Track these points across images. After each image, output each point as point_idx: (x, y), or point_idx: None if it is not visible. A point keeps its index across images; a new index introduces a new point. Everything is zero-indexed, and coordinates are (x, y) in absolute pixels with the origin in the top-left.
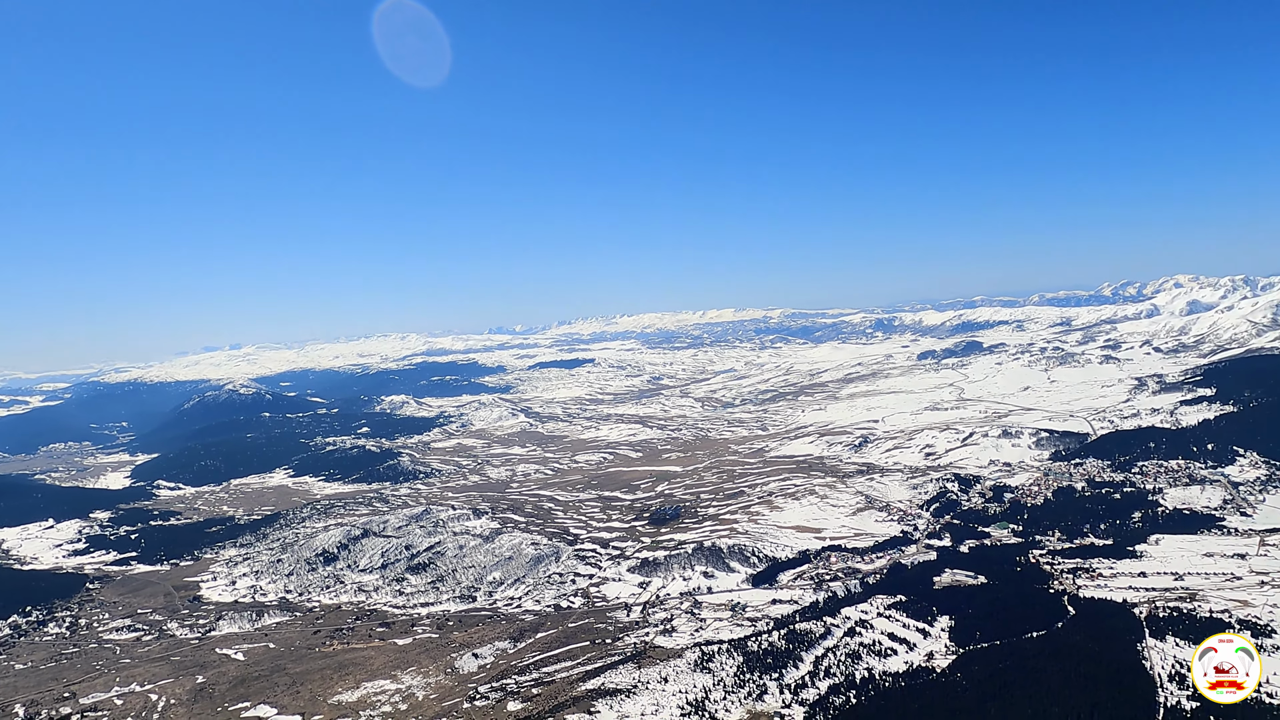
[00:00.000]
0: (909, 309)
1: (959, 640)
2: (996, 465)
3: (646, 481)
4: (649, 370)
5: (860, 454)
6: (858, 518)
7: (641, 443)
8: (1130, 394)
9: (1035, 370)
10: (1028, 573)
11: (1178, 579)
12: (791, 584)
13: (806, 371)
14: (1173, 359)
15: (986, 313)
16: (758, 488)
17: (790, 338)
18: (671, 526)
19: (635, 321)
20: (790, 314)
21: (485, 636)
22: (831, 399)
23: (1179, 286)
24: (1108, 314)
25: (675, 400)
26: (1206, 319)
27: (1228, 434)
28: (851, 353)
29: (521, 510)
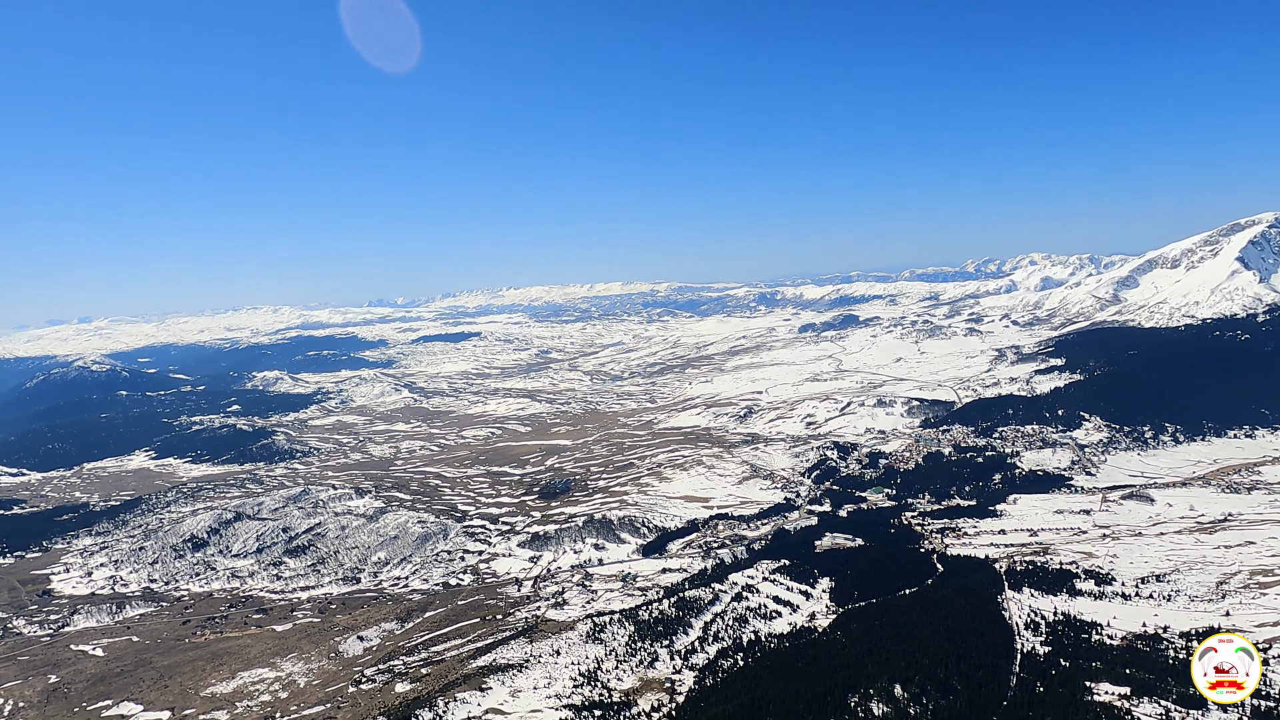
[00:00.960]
0: (790, 284)
1: (839, 600)
2: (872, 433)
3: (536, 456)
4: (537, 344)
5: (745, 424)
6: (744, 486)
7: (530, 417)
8: (991, 364)
9: (907, 343)
10: (901, 534)
11: (1033, 535)
12: (681, 553)
13: (693, 344)
14: (1028, 331)
15: (862, 288)
16: (647, 459)
17: (677, 311)
18: (562, 500)
19: (522, 294)
20: (677, 288)
21: (371, 618)
22: (718, 371)
23: (1034, 264)
24: (972, 289)
25: (564, 374)
26: (1057, 294)
27: (1075, 400)
28: (736, 326)
29: (407, 488)
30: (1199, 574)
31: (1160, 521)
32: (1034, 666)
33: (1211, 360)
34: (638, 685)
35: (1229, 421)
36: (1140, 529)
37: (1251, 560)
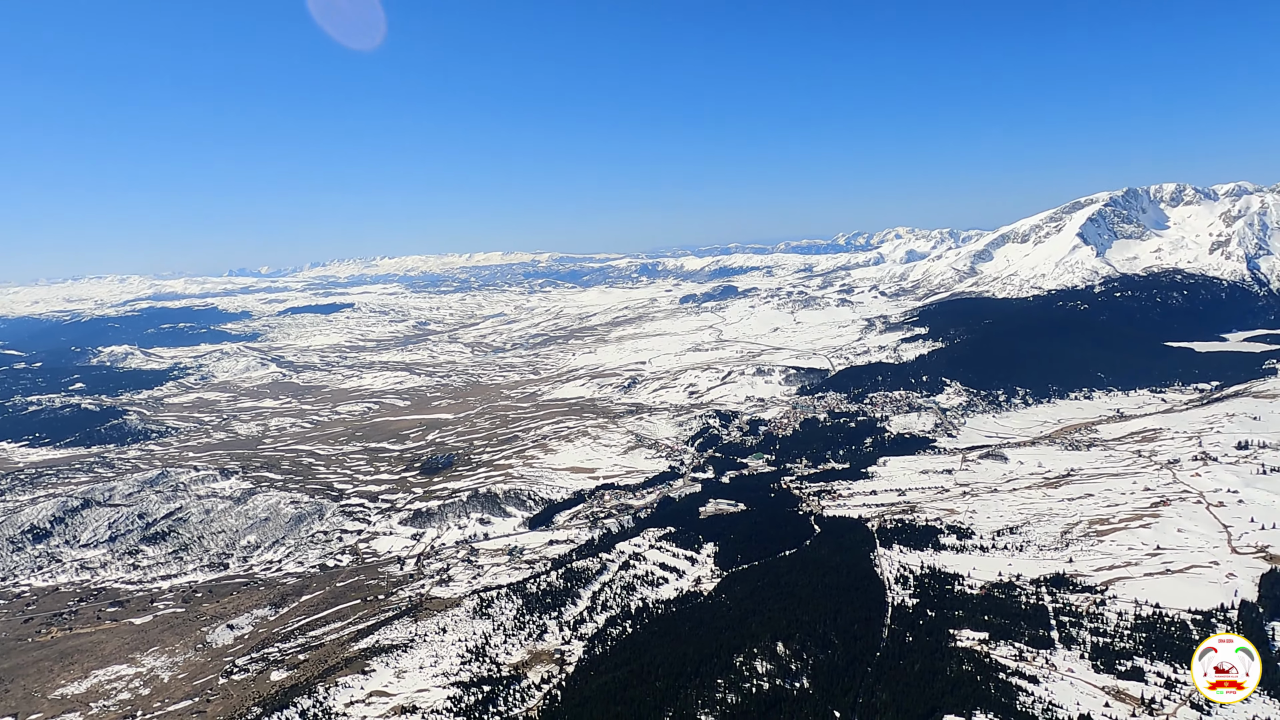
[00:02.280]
0: (671, 255)
1: (723, 564)
2: (752, 401)
3: (416, 430)
4: (414, 315)
5: (630, 394)
6: (629, 456)
7: (409, 390)
8: (862, 333)
9: (783, 313)
10: (780, 497)
11: (901, 494)
12: (568, 524)
13: (576, 315)
14: (895, 302)
15: (740, 259)
16: (532, 432)
17: (559, 282)
18: (444, 475)
19: (398, 264)
20: (559, 258)
21: (242, 605)
22: (601, 342)
23: (899, 238)
24: (843, 261)
25: (444, 345)
26: (921, 267)
27: (938, 367)
28: (619, 297)
29: (278, 467)
30: (1047, 525)
31: (1013, 478)
32: (904, 618)
33: (1056, 328)
34: (527, 658)
35: (1071, 385)
36: (996, 486)
37: (1091, 511)
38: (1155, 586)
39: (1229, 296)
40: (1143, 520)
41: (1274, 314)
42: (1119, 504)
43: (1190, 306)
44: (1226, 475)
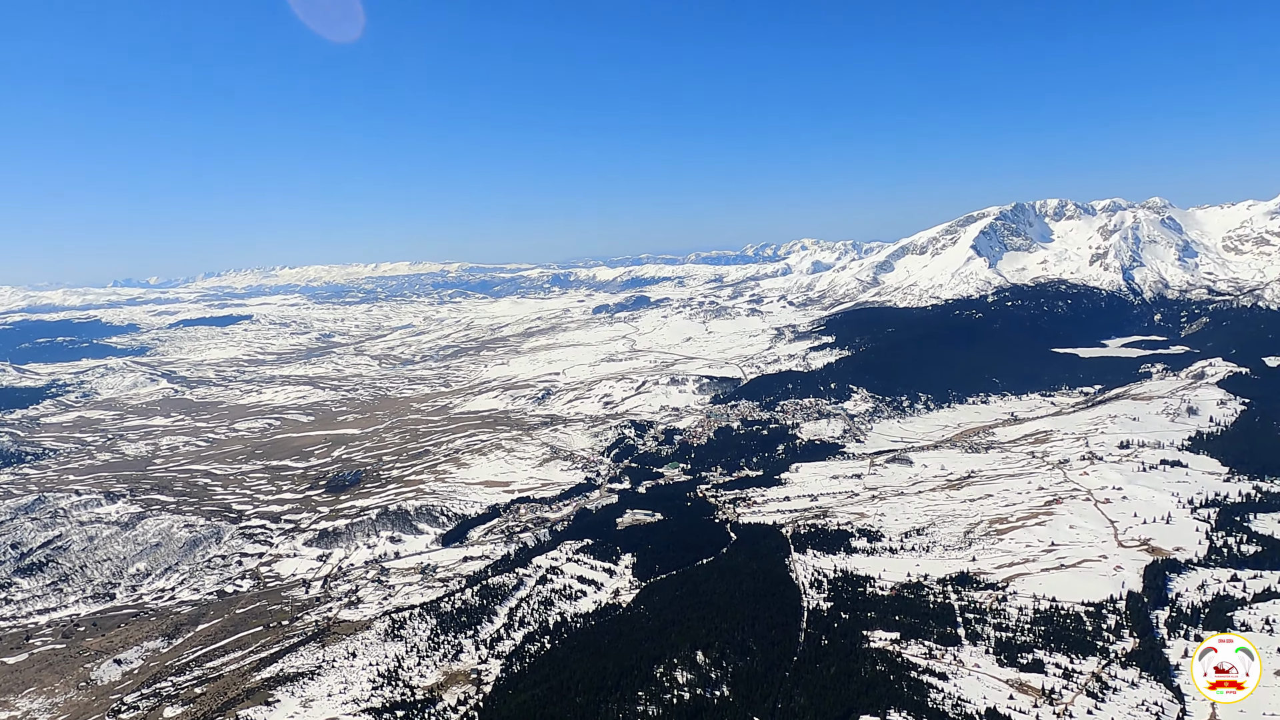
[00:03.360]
0: (584, 265)
1: (641, 575)
2: (667, 410)
3: (321, 447)
4: (318, 327)
5: (544, 406)
6: (545, 468)
7: (313, 405)
8: (772, 342)
9: (695, 323)
10: (697, 506)
11: (814, 500)
12: (483, 540)
13: (488, 326)
14: (803, 311)
15: (652, 269)
16: (444, 445)
17: (470, 292)
18: (352, 493)
19: (299, 274)
20: (469, 268)
21: (130, 638)
22: (514, 353)
23: (805, 249)
24: (752, 272)
25: (350, 358)
26: (827, 277)
27: (845, 374)
28: (531, 307)
29: (170, 489)
30: (951, 525)
31: (918, 481)
32: (819, 621)
33: (954, 336)
34: (442, 680)
35: (969, 390)
36: (902, 489)
37: (990, 510)
38: (1051, 581)
39: (1108, 305)
40: (1038, 518)
41: (1147, 321)
42: (1016, 503)
43: (1074, 314)
44: (1111, 473)
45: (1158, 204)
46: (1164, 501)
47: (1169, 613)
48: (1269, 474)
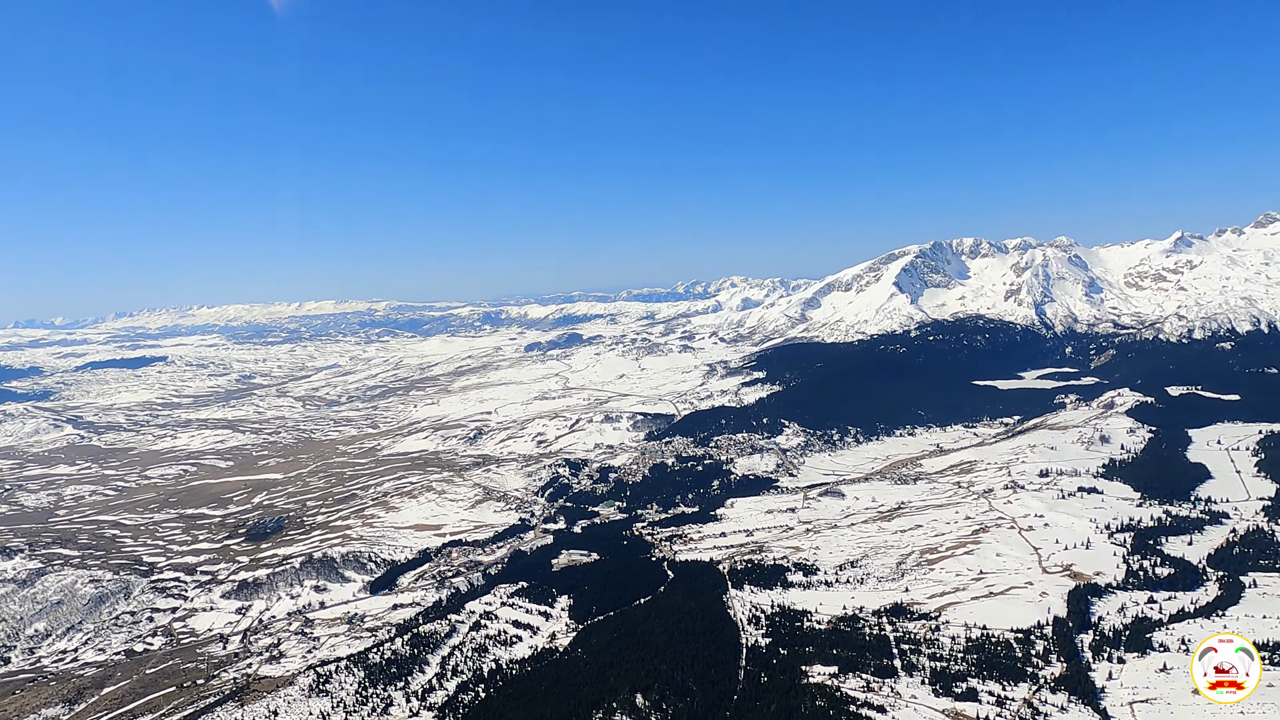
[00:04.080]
0: (515, 303)
1: (578, 617)
2: (601, 448)
3: (241, 493)
4: (238, 368)
5: (476, 446)
6: (477, 510)
7: (233, 450)
8: (704, 378)
9: (628, 359)
10: (634, 544)
11: (749, 535)
12: (414, 586)
13: (417, 365)
14: (734, 347)
15: (584, 307)
16: (371, 489)
17: (398, 331)
18: (274, 540)
19: (218, 314)
20: (397, 306)
21: (26, 706)
22: (444, 392)
23: (734, 286)
24: (683, 309)
25: (272, 400)
26: (756, 314)
27: (777, 409)
28: (462, 345)
29: (74, 542)
30: (883, 557)
31: (851, 513)
32: (758, 658)
33: (880, 370)
34: None
35: (896, 422)
36: (836, 521)
37: (921, 541)
38: (982, 609)
39: (1023, 339)
40: (966, 547)
41: (1059, 354)
42: (945, 533)
43: (992, 348)
44: (1033, 501)
45: (1064, 243)
46: (1083, 528)
47: (1093, 636)
48: (1176, 498)
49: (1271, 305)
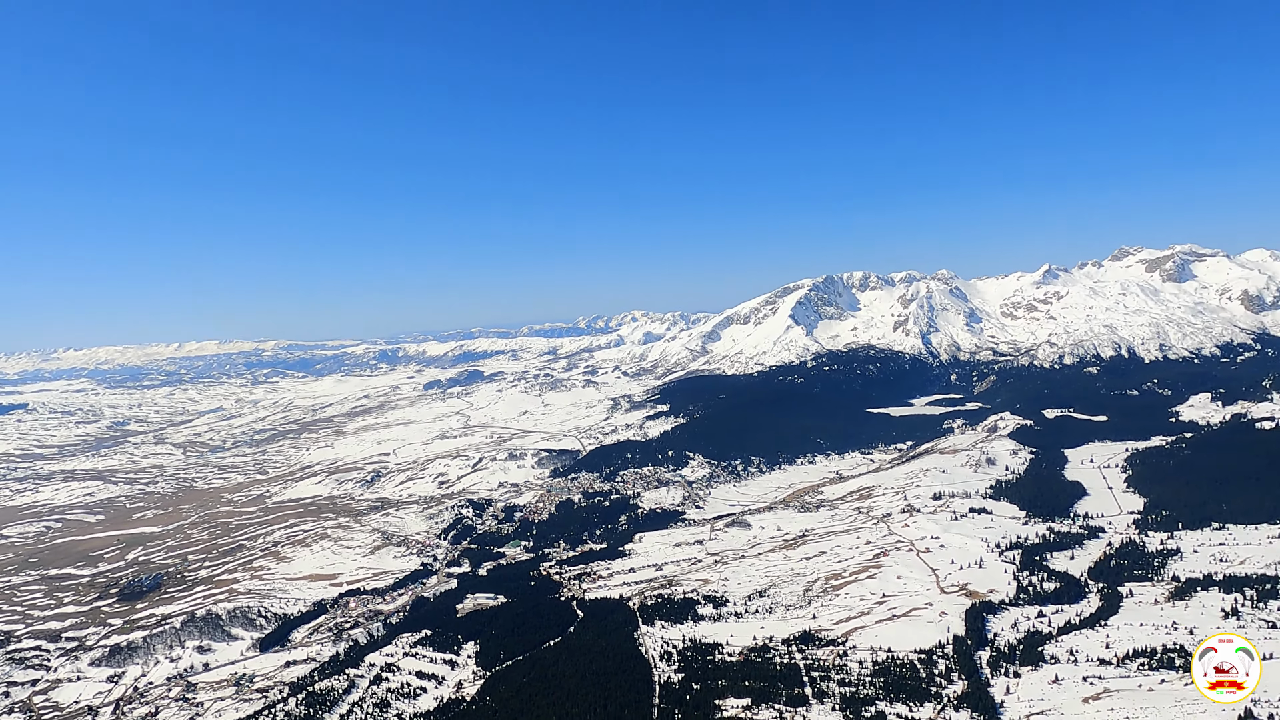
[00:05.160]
0: (412, 340)
1: (485, 664)
2: (506, 487)
3: (113, 549)
4: (110, 414)
5: (374, 489)
6: (376, 556)
7: (103, 503)
8: (609, 413)
9: (531, 396)
10: (542, 585)
11: (659, 569)
12: (308, 640)
13: (309, 407)
14: (637, 381)
15: (485, 343)
16: (260, 539)
17: (288, 371)
18: (151, 599)
19: (87, 356)
20: (286, 346)
21: None
22: (339, 434)
23: (636, 320)
24: (586, 344)
25: (148, 448)
26: (658, 347)
27: (681, 441)
28: (357, 385)
29: None
30: (790, 585)
31: (757, 542)
32: (671, 695)
33: (780, 401)
34: None
35: (797, 451)
36: (743, 552)
37: (825, 568)
38: (886, 632)
39: (911, 367)
40: (869, 572)
41: (945, 381)
42: (848, 558)
43: (884, 376)
44: (929, 524)
45: (945, 275)
46: (976, 547)
47: (990, 653)
48: (1058, 515)
49: (1130, 332)
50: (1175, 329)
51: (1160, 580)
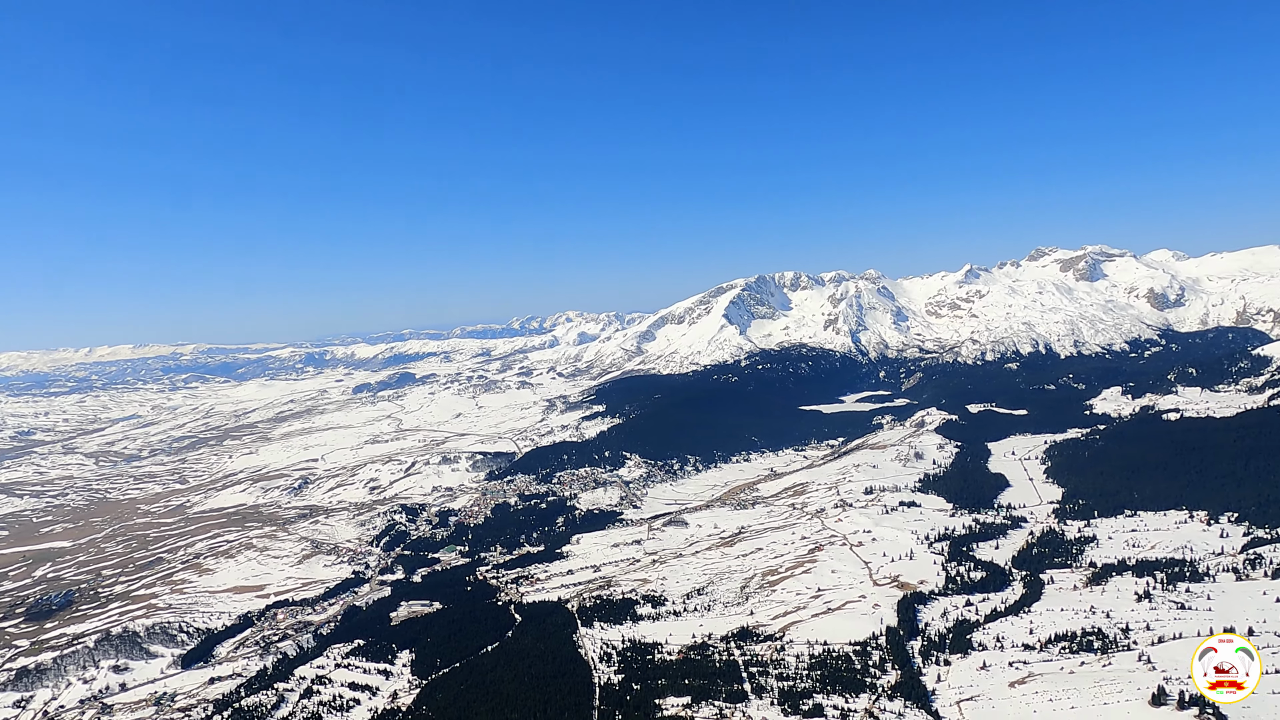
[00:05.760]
0: (341, 343)
1: (421, 672)
2: (440, 491)
3: (19, 566)
4: (13, 423)
5: (302, 496)
6: (305, 566)
7: (7, 518)
8: (544, 414)
9: (465, 398)
10: (478, 590)
11: (597, 570)
12: (234, 655)
13: (231, 413)
14: (573, 382)
15: (416, 345)
16: (181, 551)
17: (209, 376)
18: (62, 618)
19: None
20: (207, 350)
21: None
22: (264, 440)
23: (570, 321)
24: (520, 345)
25: (57, 458)
26: (594, 348)
27: (618, 442)
28: (282, 389)
29: None
30: (728, 582)
31: (695, 541)
32: (611, 696)
33: (715, 399)
34: None
35: (732, 449)
36: (681, 550)
37: (762, 564)
38: (822, 626)
39: (842, 365)
40: (804, 567)
41: (874, 378)
42: (784, 554)
43: (815, 375)
44: (861, 518)
45: (873, 275)
46: (906, 540)
47: (921, 642)
48: (983, 506)
49: (1047, 329)
50: (1088, 326)
51: (1079, 567)
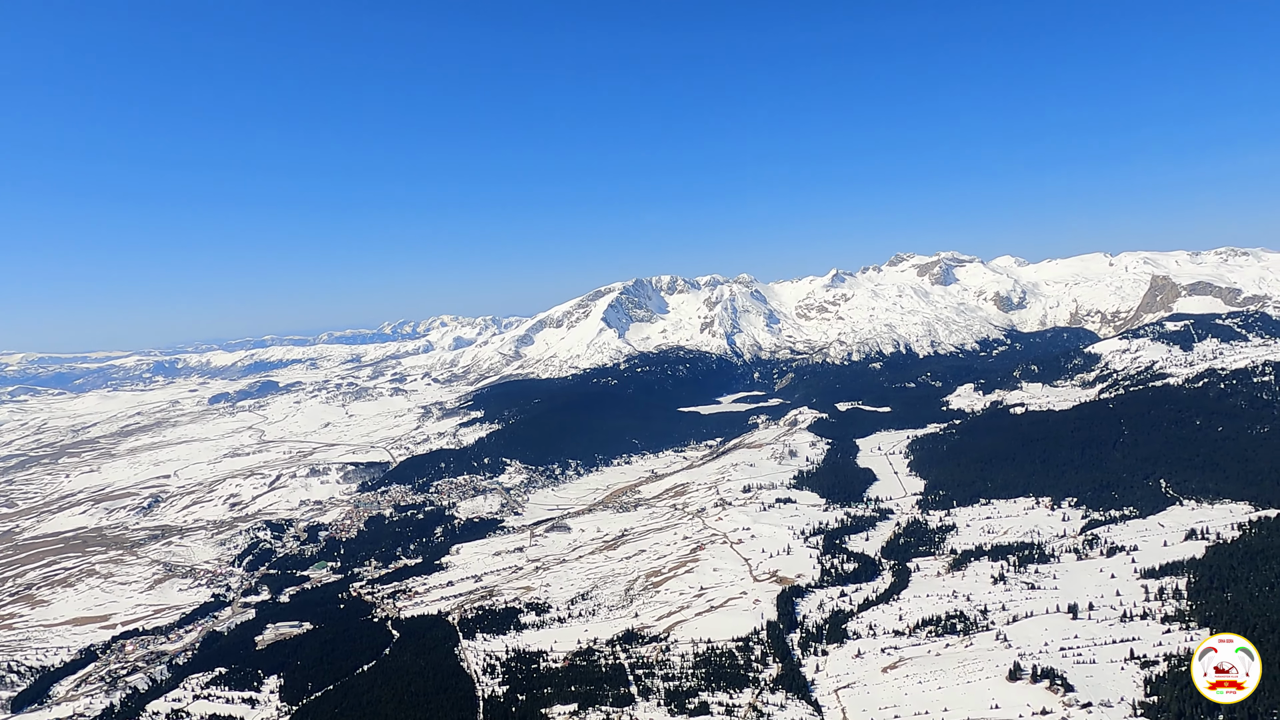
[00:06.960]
0: (194, 350)
1: (291, 698)
2: (308, 505)
3: None
4: None
5: (152, 516)
6: (157, 591)
7: None
8: (420, 421)
9: (334, 406)
10: (352, 607)
11: (478, 580)
12: (74, 694)
13: (68, 428)
14: (449, 388)
15: (279, 352)
16: (10, 582)
17: (40, 388)
18: None
19: None
20: (37, 359)
21: None
22: (107, 457)
23: (445, 325)
24: (392, 350)
25: None
26: (470, 353)
27: (497, 448)
28: (128, 401)
29: None
30: (612, 586)
31: (578, 546)
32: (496, 709)
33: (595, 403)
34: None
35: (613, 452)
36: (564, 556)
37: (645, 565)
38: (705, 624)
39: (718, 367)
40: (687, 566)
41: (749, 379)
42: (667, 555)
43: (693, 377)
44: (740, 516)
45: (747, 279)
46: (783, 535)
47: (800, 634)
48: (853, 500)
49: (907, 331)
50: (944, 327)
51: (941, 554)
